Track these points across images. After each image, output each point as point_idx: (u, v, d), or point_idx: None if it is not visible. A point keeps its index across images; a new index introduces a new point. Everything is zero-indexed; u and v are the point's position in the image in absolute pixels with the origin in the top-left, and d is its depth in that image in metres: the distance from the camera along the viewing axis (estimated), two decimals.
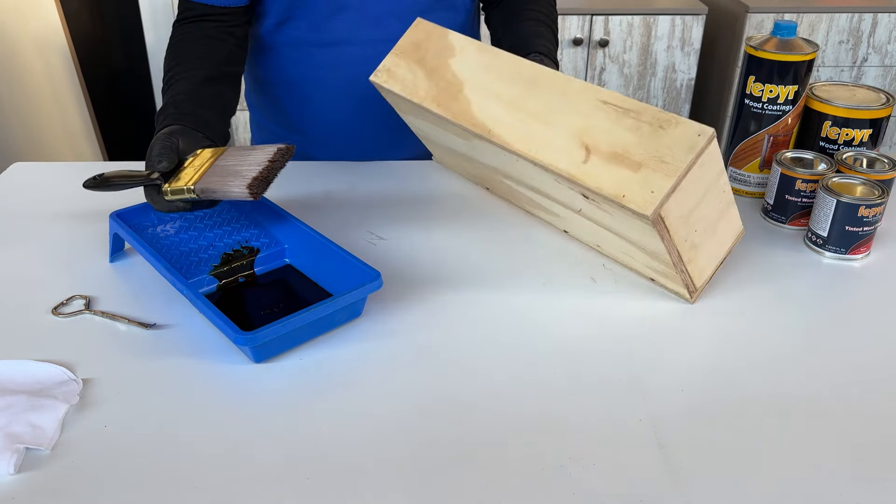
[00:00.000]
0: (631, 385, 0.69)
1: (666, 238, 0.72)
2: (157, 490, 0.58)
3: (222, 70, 0.97)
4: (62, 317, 0.77)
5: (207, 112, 0.91)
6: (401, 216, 0.96)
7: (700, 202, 0.73)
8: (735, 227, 0.81)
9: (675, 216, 0.71)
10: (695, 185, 0.71)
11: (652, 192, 0.69)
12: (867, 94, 0.97)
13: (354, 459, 0.61)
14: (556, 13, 1.11)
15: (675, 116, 0.71)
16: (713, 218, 0.76)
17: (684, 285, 0.78)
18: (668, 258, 0.75)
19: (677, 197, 0.69)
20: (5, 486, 0.58)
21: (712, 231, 0.77)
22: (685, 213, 0.72)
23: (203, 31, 0.98)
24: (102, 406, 0.66)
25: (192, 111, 0.89)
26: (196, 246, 0.86)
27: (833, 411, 0.67)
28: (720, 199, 0.75)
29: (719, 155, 0.72)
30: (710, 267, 0.80)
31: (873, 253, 0.90)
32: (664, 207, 0.69)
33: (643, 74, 2.41)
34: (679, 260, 0.75)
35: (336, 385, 0.69)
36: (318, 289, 0.82)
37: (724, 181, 0.75)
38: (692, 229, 0.74)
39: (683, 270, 0.76)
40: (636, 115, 0.73)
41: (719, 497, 0.58)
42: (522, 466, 0.60)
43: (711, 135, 0.69)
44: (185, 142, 0.84)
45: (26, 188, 1.03)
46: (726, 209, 0.77)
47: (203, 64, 0.95)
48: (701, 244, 0.76)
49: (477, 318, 0.78)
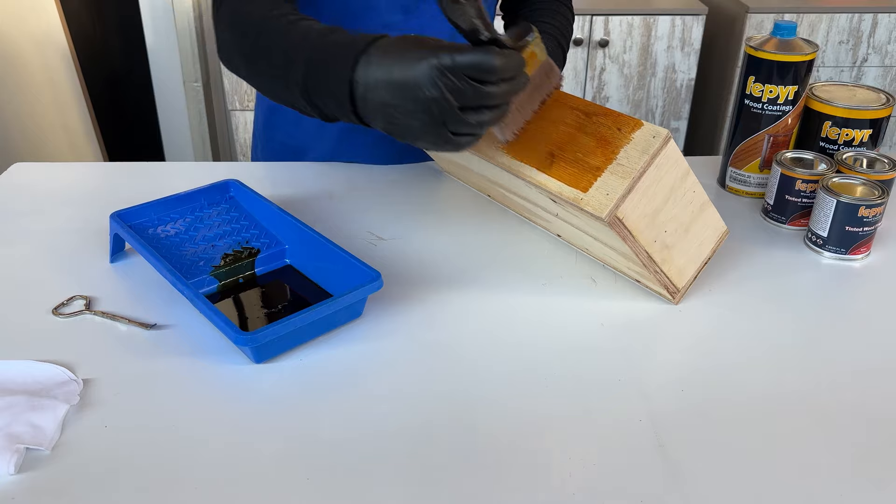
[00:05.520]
0: (631, 385, 0.69)
1: (629, 239, 0.73)
2: (158, 490, 0.58)
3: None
4: (62, 317, 0.77)
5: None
6: (401, 216, 0.96)
7: (665, 203, 0.74)
8: (716, 228, 0.81)
9: (636, 218, 0.72)
10: (655, 186, 0.72)
11: (607, 195, 0.70)
12: (867, 95, 0.97)
13: (355, 459, 0.61)
14: (570, 26, 1.12)
15: (634, 119, 0.72)
16: (684, 219, 0.77)
17: (663, 286, 0.79)
18: (639, 259, 0.76)
19: (634, 199, 0.71)
20: (5, 486, 0.58)
21: (684, 232, 0.77)
22: (649, 215, 0.73)
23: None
24: (102, 406, 0.66)
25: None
26: (196, 246, 0.86)
27: (833, 411, 0.67)
28: (690, 200, 0.76)
29: (680, 157, 0.73)
30: (690, 268, 0.80)
31: (873, 253, 0.90)
32: (620, 209, 0.70)
33: (643, 75, 2.41)
34: (650, 261, 0.75)
35: (336, 385, 0.69)
36: (318, 289, 0.82)
37: (692, 182, 0.75)
38: (661, 230, 0.75)
39: (658, 271, 0.77)
40: (598, 119, 0.75)
41: (719, 497, 0.58)
42: (522, 466, 0.60)
43: (666, 136, 0.70)
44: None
45: (26, 188, 1.03)
46: (700, 210, 0.78)
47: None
48: (674, 245, 0.77)
49: (477, 318, 0.78)
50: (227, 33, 0.81)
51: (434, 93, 0.62)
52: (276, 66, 0.74)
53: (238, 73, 0.82)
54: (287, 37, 0.74)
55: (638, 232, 0.73)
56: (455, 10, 0.62)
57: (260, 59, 0.76)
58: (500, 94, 0.64)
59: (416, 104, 0.63)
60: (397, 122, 0.66)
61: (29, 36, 2.12)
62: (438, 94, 0.62)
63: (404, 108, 0.64)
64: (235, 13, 0.79)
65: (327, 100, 0.70)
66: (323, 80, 0.69)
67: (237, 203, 0.92)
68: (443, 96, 0.62)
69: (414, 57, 0.63)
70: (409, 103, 0.64)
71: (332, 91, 0.69)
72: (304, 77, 0.71)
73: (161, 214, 0.87)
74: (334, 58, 0.68)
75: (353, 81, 0.67)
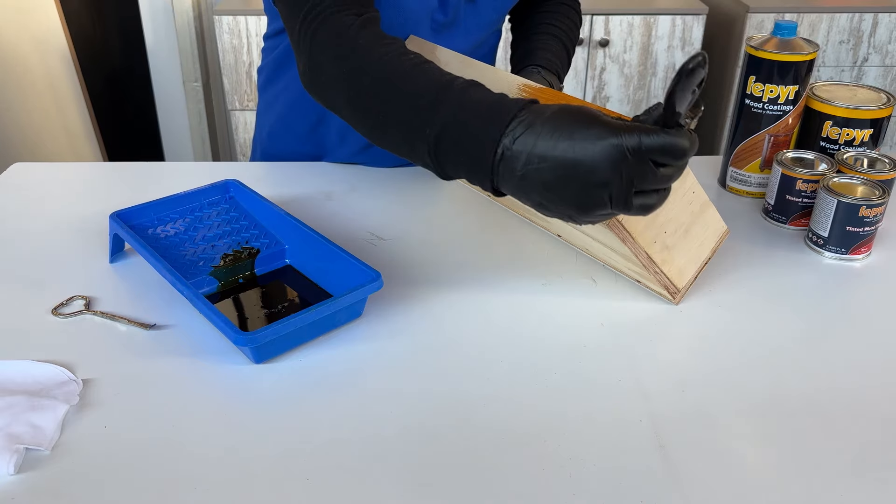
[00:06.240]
0: (632, 385, 0.69)
1: (629, 241, 0.73)
2: (158, 490, 0.58)
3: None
4: (62, 317, 0.77)
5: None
6: (401, 216, 0.96)
7: (665, 205, 0.73)
8: (716, 228, 0.81)
9: (636, 219, 0.72)
10: None
11: None
12: (868, 94, 0.97)
13: (354, 460, 0.61)
14: (576, 29, 1.11)
15: (630, 119, 0.72)
16: (685, 220, 0.77)
17: (663, 286, 0.79)
18: (638, 260, 0.76)
19: None
20: (5, 486, 0.58)
21: (684, 232, 0.77)
22: (648, 216, 0.72)
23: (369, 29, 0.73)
24: (102, 406, 0.66)
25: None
26: (196, 246, 0.86)
27: (833, 411, 0.67)
28: (690, 201, 0.76)
29: None
30: (691, 268, 0.80)
31: (874, 253, 0.90)
32: None
33: (643, 74, 2.41)
34: (650, 262, 0.76)
35: (336, 385, 0.69)
36: (318, 289, 0.82)
37: (692, 183, 0.75)
38: (660, 231, 0.75)
39: (658, 272, 0.77)
40: None
41: (719, 497, 0.58)
42: (522, 467, 0.60)
43: None
44: None
45: (26, 188, 1.03)
46: (701, 211, 0.78)
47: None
48: (674, 246, 0.77)
49: (477, 318, 0.78)
50: (332, 64, 0.72)
51: (612, 177, 0.56)
52: (400, 117, 0.66)
53: (337, 110, 0.74)
54: (415, 84, 0.66)
55: (637, 233, 0.73)
56: (685, 97, 0.55)
57: (378, 105, 0.68)
58: (675, 175, 0.58)
59: (585, 187, 0.57)
60: (555, 201, 0.59)
61: (29, 36, 2.12)
62: (616, 179, 0.56)
63: (569, 190, 0.57)
64: (346, 41, 0.71)
65: (463, 164, 0.63)
66: (462, 142, 0.62)
67: (237, 203, 0.92)
68: (620, 181, 0.56)
69: (593, 135, 0.56)
70: (576, 185, 0.57)
71: (471, 155, 0.61)
72: (438, 136, 0.63)
73: (161, 214, 0.87)
74: (481, 119, 0.60)
75: (500, 149, 0.59)
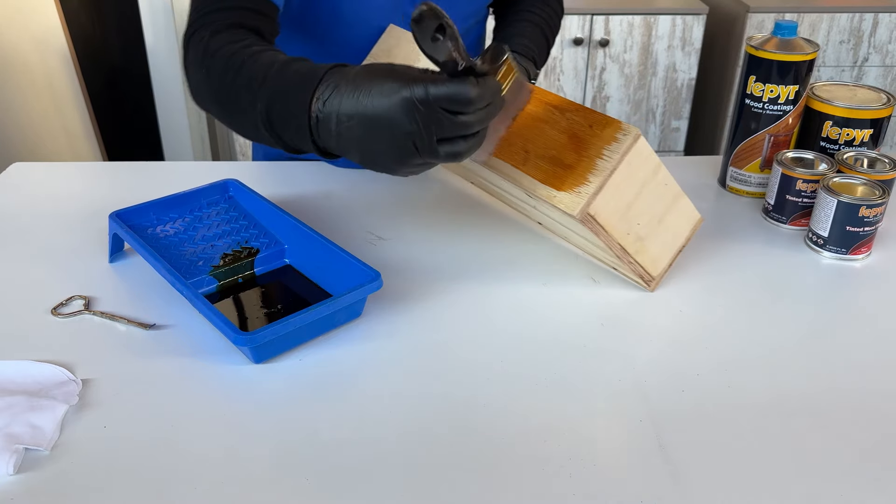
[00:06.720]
0: (631, 385, 0.69)
1: (602, 234, 0.74)
2: (157, 490, 0.58)
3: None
4: (62, 317, 0.77)
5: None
6: (401, 216, 0.96)
7: (637, 198, 0.75)
8: (690, 217, 0.82)
9: (608, 213, 0.73)
10: (626, 182, 0.73)
11: (579, 193, 0.71)
12: (868, 94, 0.97)
13: (354, 460, 0.61)
14: (556, 18, 1.11)
15: (606, 117, 0.73)
16: (658, 211, 0.78)
17: (638, 275, 0.80)
18: (612, 252, 0.77)
19: (606, 196, 0.71)
20: (5, 486, 0.58)
21: (658, 223, 0.79)
22: (621, 210, 0.74)
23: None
24: (102, 406, 0.66)
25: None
26: (195, 246, 0.86)
27: (833, 411, 0.67)
28: (662, 193, 0.77)
29: (651, 152, 0.73)
30: (665, 256, 0.81)
31: (874, 253, 0.90)
32: (592, 207, 0.71)
33: (644, 74, 2.41)
34: (624, 252, 0.77)
35: (336, 385, 0.69)
36: (317, 289, 0.82)
37: (664, 176, 0.76)
38: (633, 223, 0.76)
39: (632, 261, 0.78)
40: (571, 116, 0.75)
41: (719, 497, 0.58)
42: (522, 466, 0.60)
43: (636, 134, 0.71)
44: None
45: (26, 188, 1.03)
46: (674, 201, 0.79)
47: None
48: (647, 236, 0.78)
49: (477, 317, 0.78)
50: (196, 75, 0.78)
51: (411, 128, 0.60)
52: (241, 100, 0.71)
53: (211, 113, 0.79)
54: (249, 69, 0.71)
55: (611, 227, 0.74)
56: (433, 46, 0.59)
57: (225, 95, 0.73)
58: (475, 122, 0.62)
59: (392, 139, 0.61)
60: (371, 155, 0.64)
61: (29, 36, 2.12)
62: (415, 129, 0.60)
63: (379, 143, 0.62)
64: (201, 53, 0.77)
65: (290, 132, 0.68)
66: (284, 111, 0.67)
67: (236, 203, 0.92)
68: (419, 131, 0.60)
69: (387, 90, 0.60)
70: (384, 138, 0.61)
71: (293, 122, 0.66)
72: (267, 109, 0.68)
73: (160, 214, 0.87)
74: (294, 87, 0.66)
75: (313, 112, 0.64)
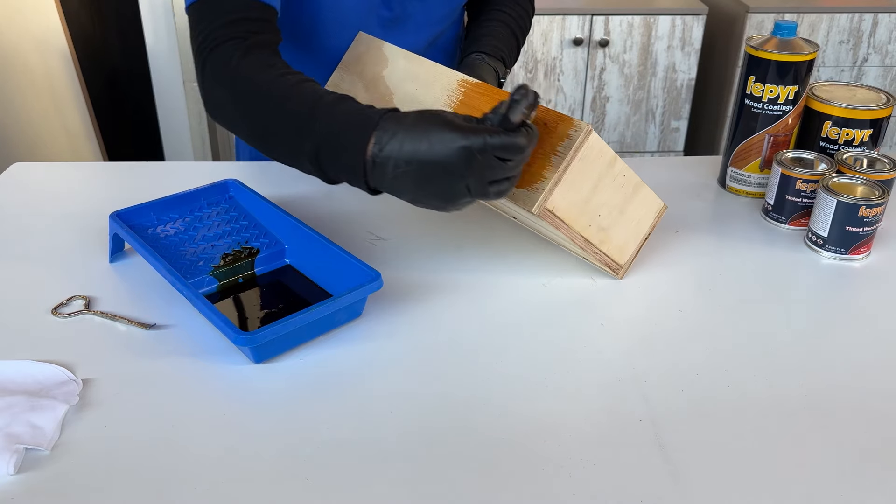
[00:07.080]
0: (631, 385, 0.69)
1: (563, 227, 0.76)
2: (157, 490, 0.58)
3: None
4: (62, 317, 0.77)
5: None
6: (401, 216, 0.96)
7: (595, 191, 0.76)
8: (652, 206, 0.84)
9: (566, 207, 0.75)
10: (581, 176, 0.74)
11: (536, 189, 0.73)
12: (867, 94, 0.97)
13: (354, 459, 0.61)
14: (527, 17, 1.10)
15: (560, 115, 0.74)
16: (618, 202, 0.80)
17: (605, 264, 0.82)
18: (576, 244, 0.78)
19: (563, 190, 0.73)
20: (5, 486, 0.58)
21: (619, 213, 0.80)
22: (579, 203, 0.76)
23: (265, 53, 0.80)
24: (102, 406, 0.66)
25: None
26: (196, 246, 0.86)
27: (833, 411, 0.67)
28: (621, 184, 0.79)
29: (605, 146, 0.75)
30: (631, 245, 0.83)
31: (874, 253, 0.90)
32: (549, 202, 0.73)
33: (643, 74, 2.41)
34: (587, 244, 0.79)
35: (336, 385, 0.69)
36: (317, 289, 0.82)
37: (621, 168, 0.78)
38: (594, 215, 0.78)
39: (597, 252, 0.80)
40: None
41: (719, 497, 0.58)
42: (522, 466, 0.60)
43: (587, 130, 0.72)
44: None
45: (26, 188, 1.03)
46: (634, 192, 0.81)
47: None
48: (610, 227, 0.80)
49: (477, 318, 0.78)
50: (219, 92, 0.78)
51: (467, 173, 0.66)
52: (282, 132, 0.73)
53: (233, 130, 0.80)
54: (294, 103, 0.73)
55: (571, 220, 0.76)
56: (515, 107, 0.67)
57: (262, 125, 0.75)
58: (519, 164, 0.69)
59: (447, 183, 0.67)
60: (423, 196, 0.69)
61: (29, 36, 2.12)
62: (470, 175, 0.66)
63: (434, 186, 0.67)
64: (231, 72, 0.77)
65: (337, 169, 0.71)
66: (336, 152, 0.70)
67: (237, 203, 0.92)
68: (474, 176, 0.66)
69: (447, 139, 0.65)
70: (439, 182, 0.67)
71: (346, 163, 0.70)
72: (316, 147, 0.71)
73: (160, 214, 0.87)
74: (348, 131, 0.69)
75: (369, 156, 0.68)
